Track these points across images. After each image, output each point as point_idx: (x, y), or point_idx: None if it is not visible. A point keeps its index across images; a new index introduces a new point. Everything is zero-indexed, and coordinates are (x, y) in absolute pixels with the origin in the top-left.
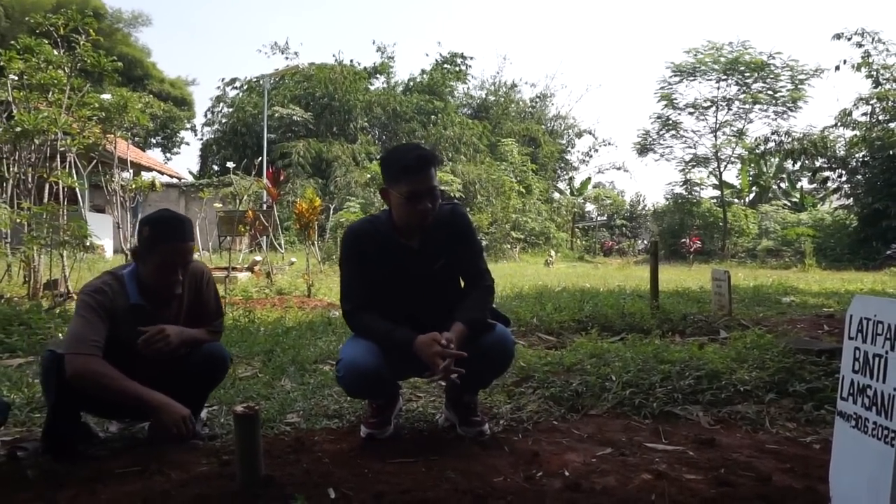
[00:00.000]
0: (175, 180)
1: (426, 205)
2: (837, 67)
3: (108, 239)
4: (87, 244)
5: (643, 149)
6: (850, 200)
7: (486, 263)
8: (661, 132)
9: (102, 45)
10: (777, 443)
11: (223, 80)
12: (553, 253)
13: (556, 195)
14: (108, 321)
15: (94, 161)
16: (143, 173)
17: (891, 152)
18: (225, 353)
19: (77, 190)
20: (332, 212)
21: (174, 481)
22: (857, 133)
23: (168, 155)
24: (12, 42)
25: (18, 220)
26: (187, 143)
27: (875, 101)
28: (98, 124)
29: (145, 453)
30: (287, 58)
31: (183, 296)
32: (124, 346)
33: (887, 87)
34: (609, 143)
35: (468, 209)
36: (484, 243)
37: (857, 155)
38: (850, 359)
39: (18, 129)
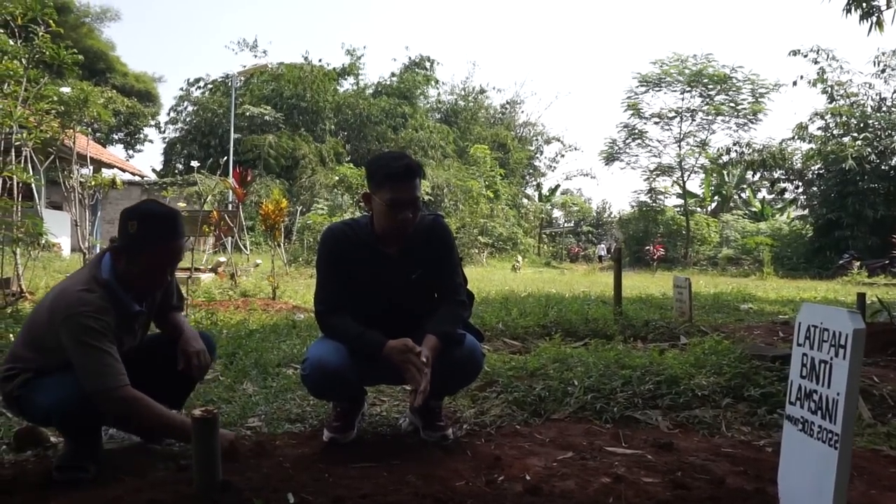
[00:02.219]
0: (137, 178)
1: (407, 214)
2: (795, 83)
3: (65, 237)
4: (43, 242)
5: (610, 157)
6: (806, 211)
7: (463, 279)
8: (628, 141)
9: (69, 38)
10: (732, 446)
11: (188, 80)
12: (520, 258)
13: (525, 201)
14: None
15: (52, 156)
16: (103, 170)
17: (844, 166)
18: (211, 340)
19: (33, 186)
20: (298, 214)
21: (129, 487)
22: (813, 146)
23: (131, 152)
24: None
25: None
26: (151, 141)
27: (829, 115)
28: (56, 118)
29: (99, 458)
30: (255, 55)
31: (161, 293)
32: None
33: (841, 102)
34: (576, 149)
35: (437, 212)
36: None
37: (812, 167)
38: (798, 364)
39: None
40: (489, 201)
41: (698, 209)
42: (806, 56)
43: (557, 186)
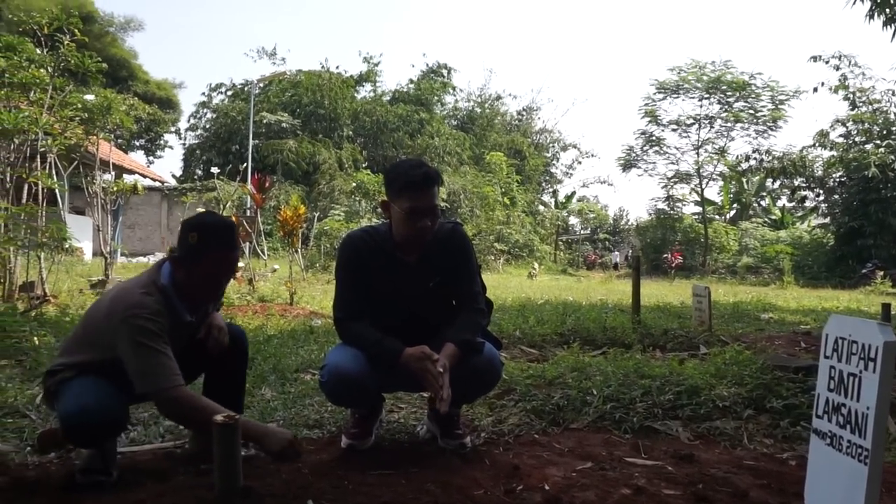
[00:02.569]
0: (158, 184)
1: (426, 222)
2: (815, 89)
3: (87, 241)
4: (66, 246)
5: (627, 164)
6: (828, 219)
7: (482, 287)
8: (645, 148)
9: (93, 47)
10: (754, 459)
11: (209, 85)
12: (536, 265)
13: (541, 208)
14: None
15: (76, 162)
16: (125, 176)
17: (866, 173)
18: (242, 329)
19: (57, 191)
20: (315, 220)
21: (150, 491)
22: (835, 154)
23: (151, 158)
24: None
25: None
26: (171, 147)
27: (851, 123)
28: (80, 125)
29: (121, 462)
30: (274, 63)
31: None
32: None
33: (863, 109)
34: (593, 156)
35: (452, 219)
36: None
37: (834, 175)
38: (825, 377)
39: None
40: (505, 208)
41: (717, 217)
42: (827, 62)
43: (574, 193)
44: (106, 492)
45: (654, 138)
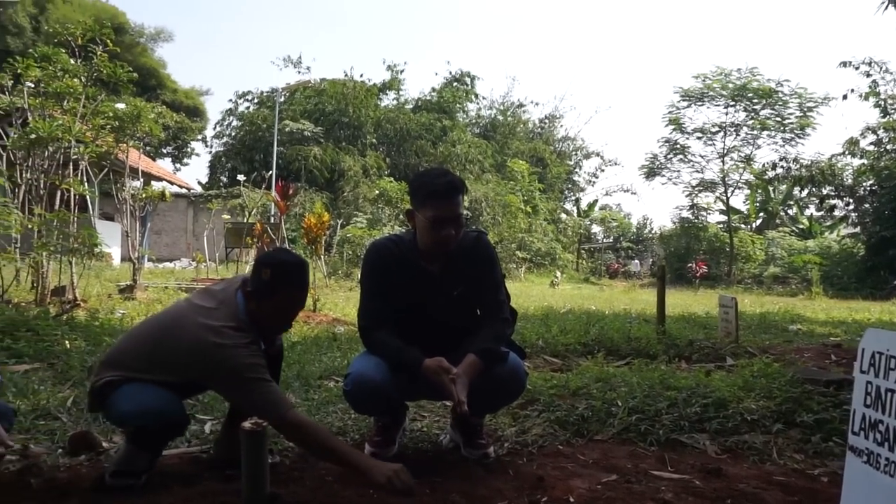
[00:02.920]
0: (184, 190)
1: (450, 231)
2: (845, 96)
3: (116, 247)
4: (96, 252)
5: (650, 172)
6: (858, 229)
7: (506, 296)
8: (669, 156)
9: (124, 58)
10: (785, 474)
11: (237, 92)
12: (558, 274)
13: (563, 216)
14: None
15: (106, 169)
16: (153, 183)
17: None
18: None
19: (87, 197)
20: (339, 227)
21: (178, 496)
22: (865, 162)
23: (178, 165)
24: (30, 50)
25: (30, 226)
26: (197, 154)
27: (882, 130)
28: (111, 133)
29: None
30: (299, 71)
31: None
32: None
33: (895, 116)
34: (616, 164)
35: (472, 227)
36: None
37: (864, 183)
38: (861, 393)
39: (33, 136)
40: (527, 216)
41: (742, 226)
42: (857, 68)
43: (596, 201)
44: (134, 495)
45: (678, 146)
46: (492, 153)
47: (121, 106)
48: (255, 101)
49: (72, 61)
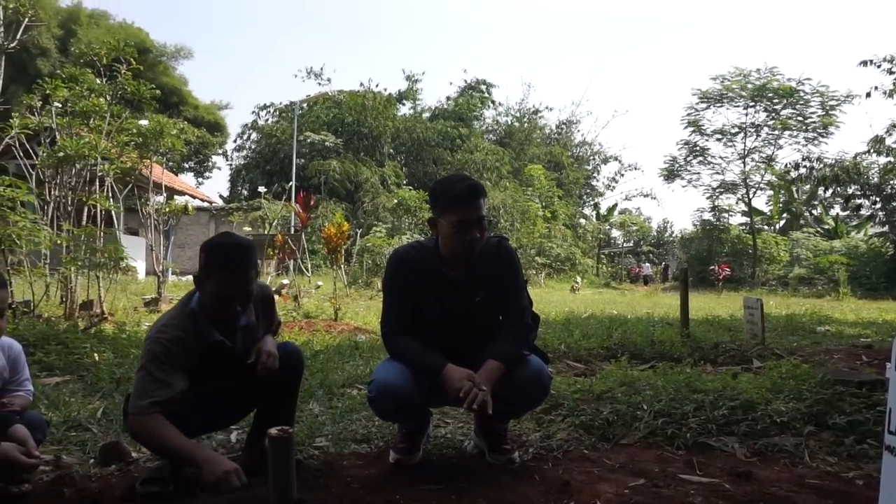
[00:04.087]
0: (206, 204)
1: (474, 234)
2: (868, 94)
3: (140, 261)
4: (122, 266)
5: (670, 175)
6: (886, 228)
7: (528, 301)
8: (689, 158)
9: (146, 77)
10: (818, 477)
11: (258, 105)
12: (579, 279)
13: (582, 221)
14: (181, 369)
15: (130, 185)
16: (175, 197)
17: None
18: (298, 348)
19: (113, 213)
20: (358, 236)
21: (206, 503)
22: (892, 160)
23: (200, 179)
24: (57, 71)
25: (58, 242)
26: (219, 168)
27: None
28: (135, 149)
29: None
30: (320, 83)
31: (257, 326)
32: (205, 380)
33: None
34: (635, 168)
35: (491, 233)
36: None
37: (892, 182)
38: None
39: (61, 154)
40: (546, 221)
41: (765, 227)
42: (879, 66)
43: (615, 206)
44: (164, 503)
45: (697, 148)
46: (509, 160)
47: (144, 123)
48: (276, 112)
49: (97, 81)
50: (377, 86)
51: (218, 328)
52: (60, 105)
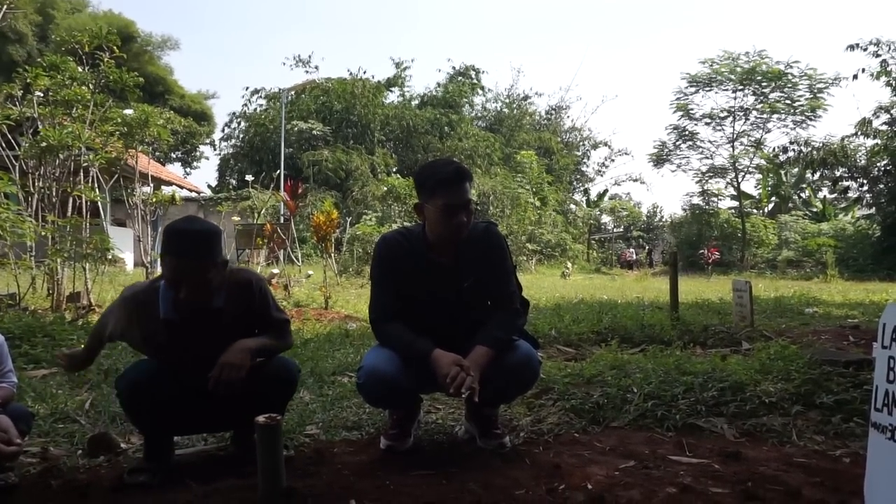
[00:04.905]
0: (194, 194)
1: (461, 218)
2: (855, 76)
3: (128, 252)
4: (109, 257)
5: (659, 160)
6: (873, 210)
7: (517, 287)
8: (678, 143)
9: (131, 66)
10: (805, 456)
11: (248, 88)
12: (569, 265)
13: (572, 207)
14: (117, 334)
15: (116, 175)
16: (163, 187)
17: None
18: (291, 366)
19: (99, 204)
20: (348, 225)
21: (196, 493)
22: (879, 142)
23: (188, 169)
24: (38, 60)
25: (43, 234)
26: (206, 158)
27: (895, 109)
28: (120, 139)
29: (168, 464)
30: (307, 71)
31: (225, 311)
32: (171, 359)
33: None
34: (625, 153)
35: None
36: None
37: (878, 164)
38: (883, 368)
39: (44, 144)
40: (536, 208)
41: (754, 210)
42: (865, 49)
43: (606, 191)
44: (152, 493)
45: (686, 133)
46: (499, 146)
47: (129, 112)
48: (265, 97)
49: (79, 69)
50: (365, 72)
51: (178, 307)
52: (42, 94)
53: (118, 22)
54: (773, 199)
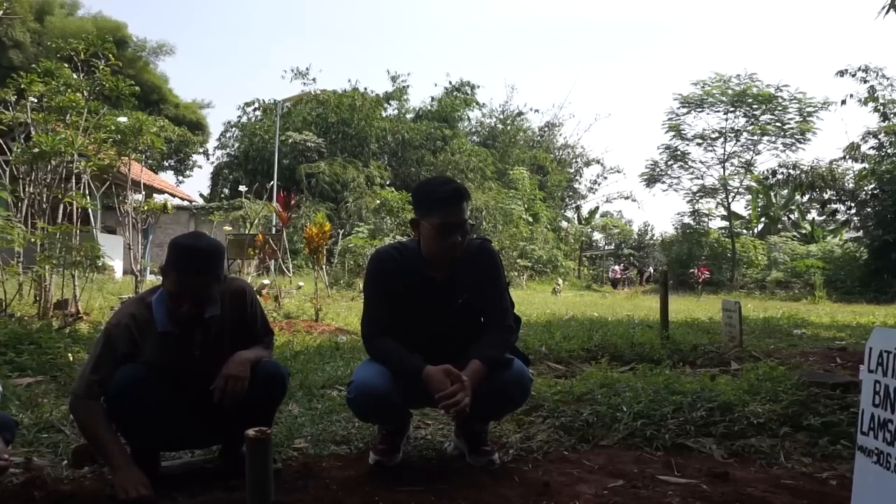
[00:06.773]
0: (186, 203)
1: (456, 237)
2: (844, 102)
3: (118, 260)
4: (99, 265)
5: (651, 179)
6: (861, 233)
7: (510, 304)
8: (669, 163)
9: (126, 73)
10: (793, 478)
11: (244, 103)
12: (560, 281)
13: (564, 223)
14: (127, 356)
15: (108, 182)
16: (155, 195)
17: None
18: (282, 370)
19: (90, 211)
20: (340, 237)
21: None
22: (866, 166)
23: (180, 178)
24: (33, 66)
25: (33, 240)
26: (199, 167)
27: (883, 134)
28: (113, 147)
29: (156, 476)
30: (305, 83)
31: (221, 319)
32: (169, 372)
33: (895, 121)
34: (617, 171)
35: (473, 235)
36: None
37: (866, 187)
38: (870, 392)
39: (36, 150)
40: (528, 224)
41: (744, 231)
42: (854, 75)
43: (597, 209)
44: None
45: (678, 153)
46: (492, 161)
47: (123, 119)
48: (260, 109)
49: (74, 76)
50: (365, 88)
51: (175, 320)
52: (36, 100)
53: (108, 25)
54: (763, 219)
